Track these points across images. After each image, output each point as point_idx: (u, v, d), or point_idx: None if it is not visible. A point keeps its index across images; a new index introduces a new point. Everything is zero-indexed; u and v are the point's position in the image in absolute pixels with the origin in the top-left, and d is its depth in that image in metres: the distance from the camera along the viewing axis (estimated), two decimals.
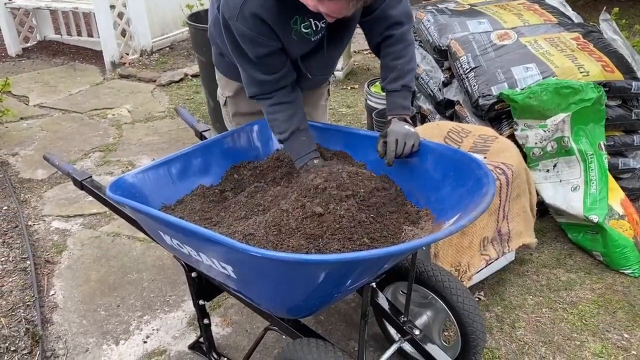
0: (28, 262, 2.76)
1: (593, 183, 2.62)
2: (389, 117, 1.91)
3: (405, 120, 1.88)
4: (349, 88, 4.88)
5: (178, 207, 1.83)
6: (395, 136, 1.80)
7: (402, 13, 1.87)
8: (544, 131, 2.64)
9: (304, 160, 1.87)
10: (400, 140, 1.79)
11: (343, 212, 1.55)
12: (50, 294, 2.59)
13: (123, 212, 1.91)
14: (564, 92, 2.63)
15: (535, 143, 2.69)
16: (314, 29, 1.79)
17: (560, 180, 2.71)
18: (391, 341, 2.10)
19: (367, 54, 5.54)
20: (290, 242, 1.49)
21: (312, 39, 1.81)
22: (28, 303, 2.51)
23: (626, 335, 2.25)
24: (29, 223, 3.14)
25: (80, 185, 1.98)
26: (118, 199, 1.63)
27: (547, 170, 2.74)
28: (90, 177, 1.99)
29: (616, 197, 2.68)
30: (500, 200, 2.28)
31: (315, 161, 1.86)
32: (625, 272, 2.56)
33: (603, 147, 2.69)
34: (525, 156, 2.65)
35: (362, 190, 1.66)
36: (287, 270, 1.36)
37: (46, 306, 2.52)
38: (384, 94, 1.97)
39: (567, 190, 2.68)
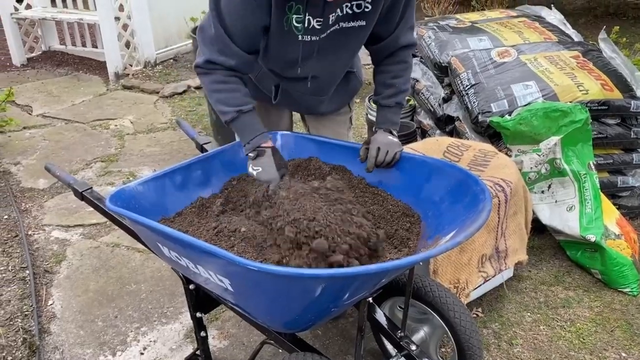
0: (27, 271, 2.77)
1: (588, 202, 2.62)
2: (376, 129, 1.96)
3: (390, 132, 1.94)
4: None
5: (177, 219, 1.84)
6: (378, 144, 1.87)
7: (410, 41, 1.93)
8: (539, 155, 2.66)
9: (254, 144, 1.78)
10: (383, 148, 1.86)
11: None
12: (49, 304, 2.59)
13: (122, 224, 1.93)
14: (553, 115, 2.64)
15: (531, 167, 2.70)
16: (305, 25, 1.70)
17: (556, 201, 2.72)
18: (388, 356, 2.09)
19: (369, 68, 5.55)
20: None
21: (300, 38, 1.73)
22: (26, 313, 2.51)
23: (624, 354, 2.24)
24: (29, 232, 3.15)
25: (80, 196, 1.99)
26: (118, 211, 1.64)
27: (542, 192, 2.75)
28: (91, 188, 2.00)
29: (611, 217, 2.68)
30: (498, 217, 2.29)
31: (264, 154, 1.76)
32: (624, 290, 2.56)
33: (593, 167, 2.70)
34: None
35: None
36: (285, 284, 1.37)
37: (44, 316, 2.52)
38: None
39: (563, 210, 2.69)
